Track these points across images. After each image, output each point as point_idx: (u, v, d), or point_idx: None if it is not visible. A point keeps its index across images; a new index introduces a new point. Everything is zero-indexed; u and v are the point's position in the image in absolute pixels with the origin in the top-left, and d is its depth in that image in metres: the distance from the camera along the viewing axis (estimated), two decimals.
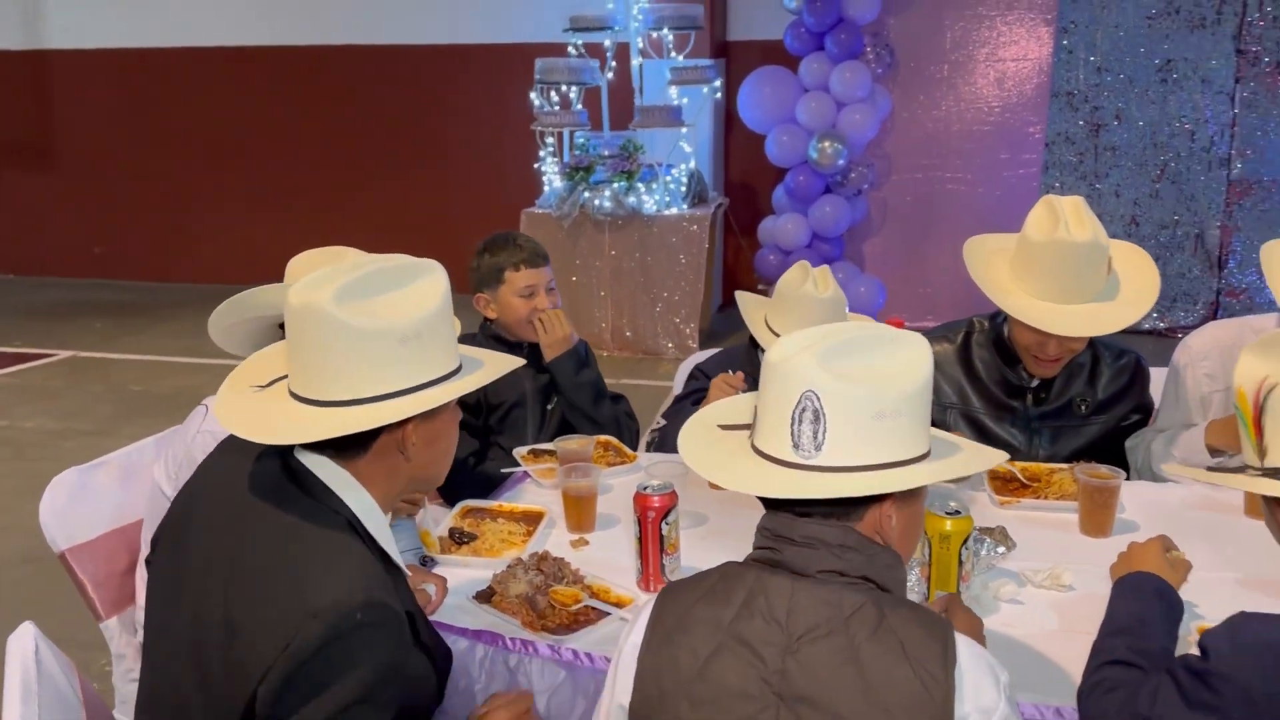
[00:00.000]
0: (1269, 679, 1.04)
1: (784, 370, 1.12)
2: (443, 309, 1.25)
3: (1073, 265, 1.91)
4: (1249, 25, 5.08)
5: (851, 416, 1.11)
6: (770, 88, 5.19)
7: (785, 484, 1.12)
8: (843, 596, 1.10)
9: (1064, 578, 1.59)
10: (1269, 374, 1.17)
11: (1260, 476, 1.17)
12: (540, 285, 2.32)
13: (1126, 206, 5.40)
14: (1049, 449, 2.11)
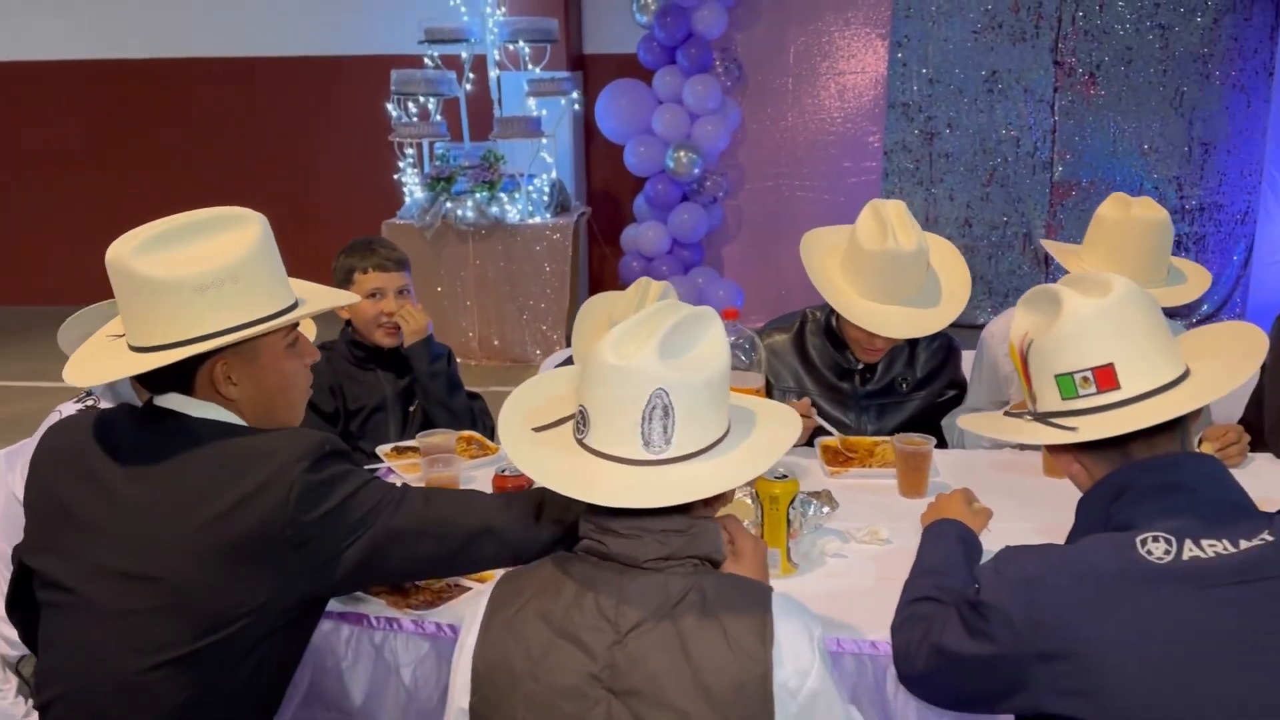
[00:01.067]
0: (1026, 606, 1.15)
1: (628, 371, 1.15)
2: (251, 258, 1.32)
3: (899, 271, 2.09)
4: (1064, 38, 5.53)
5: (695, 405, 1.18)
6: (626, 100, 5.36)
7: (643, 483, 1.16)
8: (669, 585, 1.15)
9: (882, 533, 1.77)
10: (1028, 329, 1.32)
11: (1032, 421, 1.33)
12: (388, 289, 2.38)
13: (960, 209, 5.78)
14: (876, 424, 2.31)
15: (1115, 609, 1.12)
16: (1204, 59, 5.46)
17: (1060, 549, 1.22)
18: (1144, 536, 1.15)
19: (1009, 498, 1.88)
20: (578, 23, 5.87)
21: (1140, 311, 1.27)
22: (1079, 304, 1.26)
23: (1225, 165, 5.58)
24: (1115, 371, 1.24)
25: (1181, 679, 1.09)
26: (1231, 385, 1.28)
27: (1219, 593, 1.11)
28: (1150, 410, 1.23)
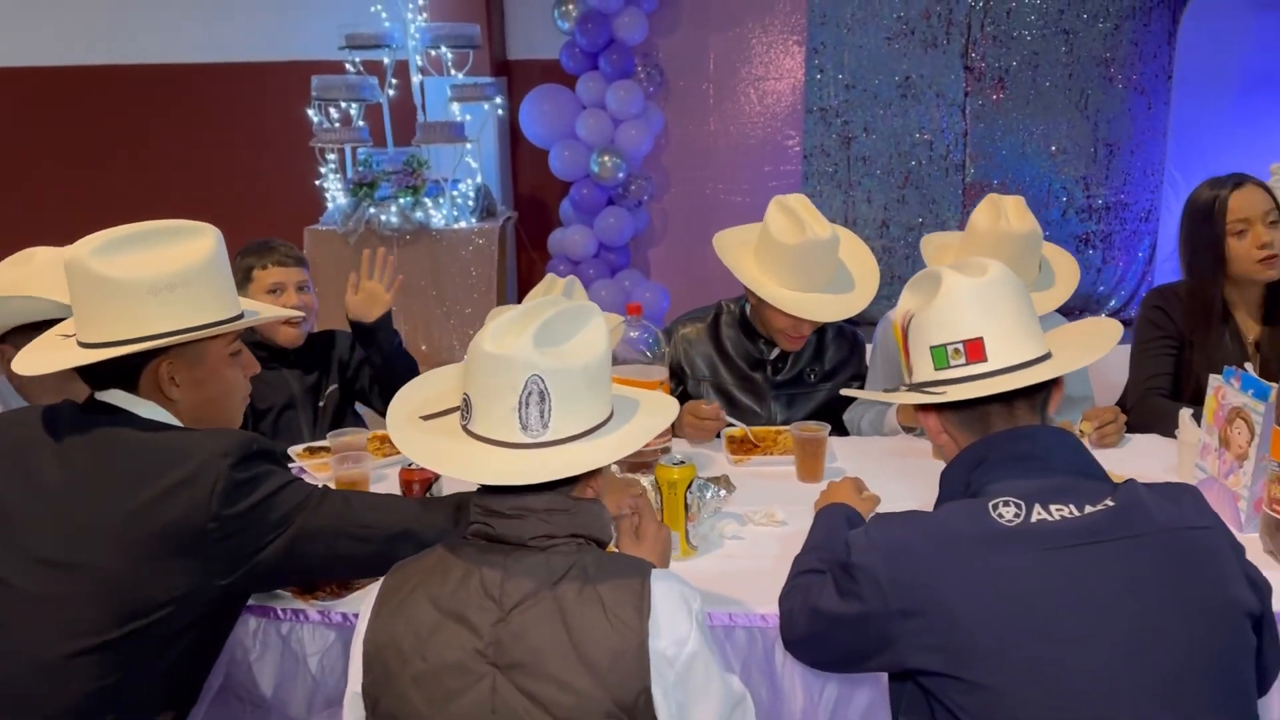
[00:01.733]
0: (890, 567, 1.24)
1: (504, 359, 1.21)
2: (204, 267, 1.40)
3: (817, 260, 2.18)
4: (973, 44, 5.71)
5: (571, 392, 1.24)
6: (550, 105, 5.40)
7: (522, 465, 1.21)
8: (552, 563, 1.21)
9: (777, 515, 1.85)
10: (911, 307, 1.43)
11: (907, 391, 1.43)
12: (288, 283, 2.40)
13: (878, 211, 5.93)
14: (785, 413, 2.39)
15: (967, 567, 1.21)
16: (1107, 63, 5.68)
17: (923, 515, 1.31)
18: (996, 501, 1.25)
19: (900, 481, 1.98)
20: (501, 29, 5.90)
21: (1011, 294, 1.38)
22: (957, 281, 1.37)
23: (1129, 165, 5.82)
24: (984, 345, 1.35)
25: (1025, 632, 1.18)
26: (1084, 362, 1.40)
27: (1062, 553, 1.20)
28: (1010, 379, 1.33)
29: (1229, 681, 1.20)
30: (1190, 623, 1.19)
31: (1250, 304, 2.29)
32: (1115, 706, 1.15)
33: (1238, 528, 1.74)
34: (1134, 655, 1.17)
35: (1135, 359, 2.34)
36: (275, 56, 5.83)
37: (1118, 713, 1.15)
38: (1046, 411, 1.40)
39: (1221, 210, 2.22)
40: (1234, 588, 1.23)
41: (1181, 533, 1.23)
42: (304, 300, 2.43)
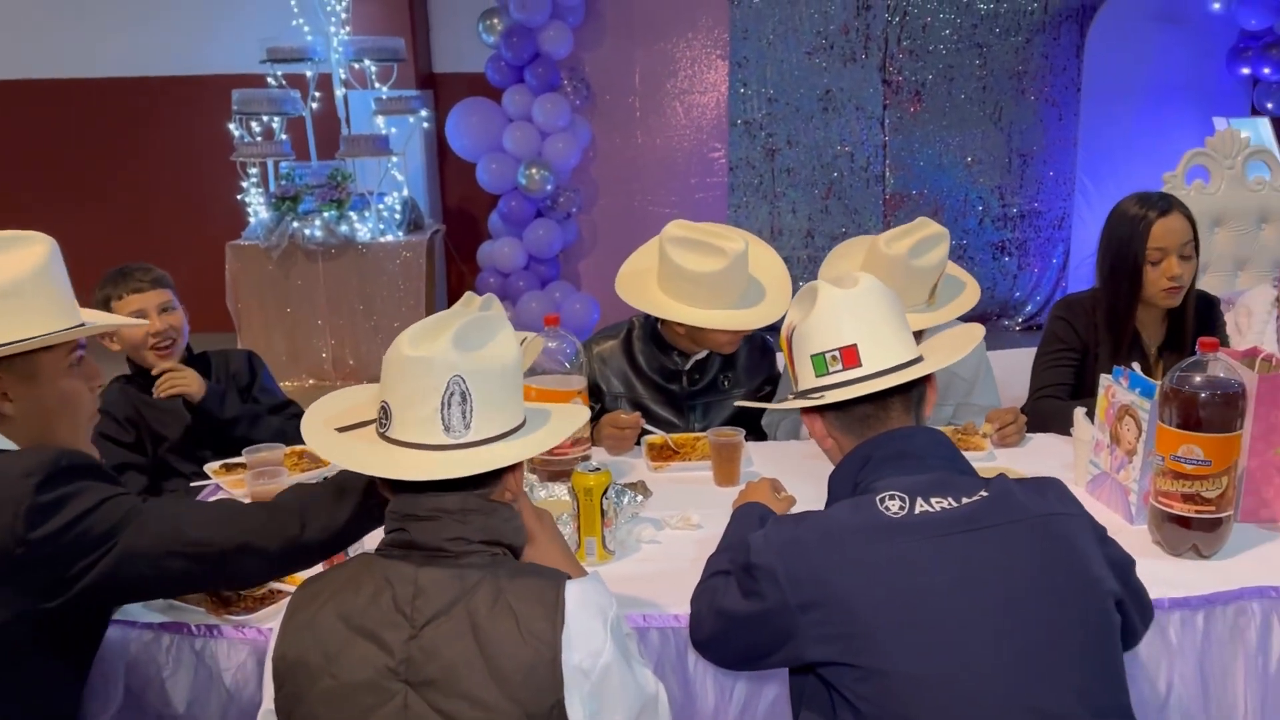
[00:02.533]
0: (787, 563, 1.30)
1: (426, 360, 1.23)
2: (31, 278, 1.36)
3: (732, 279, 2.21)
4: (891, 58, 5.86)
5: (491, 393, 1.27)
6: (477, 118, 5.41)
7: (446, 463, 1.23)
8: (465, 576, 1.20)
9: (693, 519, 1.89)
10: (794, 320, 1.50)
11: (794, 398, 1.50)
12: (149, 308, 2.37)
13: (802, 221, 6.05)
14: (702, 421, 2.43)
15: (859, 558, 1.28)
16: (1019, 76, 5.88)
17: (816, 513, 1.38)
18: (882, 495, 1.33)
19: (814, 484, 2.01)
20: (426, 42, 5.90)
21: (882, 303, 1.47)
22: (832, 293, 1.45)
23: (1042, 174, 6.02)
24: (858, 351, 1.43)
25: (914, 615, 1.25)
26: (947, 362, 1.50)
27: (944, 540, 1.28)
28: (881, 381, 1.41)
29: (1095, 654, 1.28)
30: (1059, 601, 1.28)
31: (1154, 317, 2.38)
32: (995, 681, 1.23)
33: (1129, 520, 1.83)
34: (1011, 632, 1.25)
35: (1037, 368, 2.43)
36: (195, 70, 5.76)
37: (997, 687, 1.23)
38: (922, 412, 1.47)
39: (1144, 236, 2.27)
40: (1097, 569, 1.32)
41: (1050, 518, 1.32)
42: (169, 322, 2.38)
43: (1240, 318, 2.67)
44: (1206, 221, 3.37)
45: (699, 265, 2.19)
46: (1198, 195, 3.36)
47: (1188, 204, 2.44)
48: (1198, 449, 1.63)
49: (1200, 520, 1.67)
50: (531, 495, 1.97)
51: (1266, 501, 1.82)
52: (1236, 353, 1.90)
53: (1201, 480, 1.64)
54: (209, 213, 5.62)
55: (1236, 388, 1.63)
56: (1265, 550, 1.74)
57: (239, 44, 5.37)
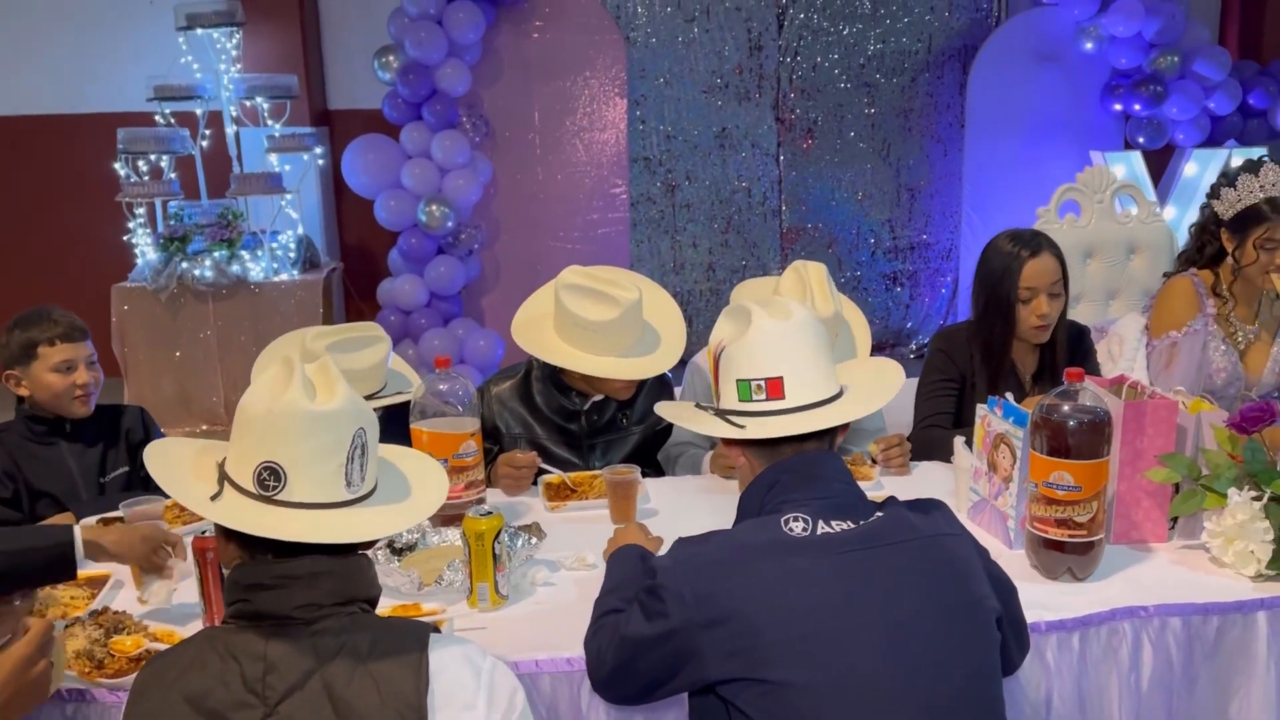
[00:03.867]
0: (694, 581, 1.33)
1: (335, 414, 1.19)
2: None
3: (627, 326, 2.24)
4: (784, 97, 6.02)
5: (375, 441, 1.25)
6: (374, 154, 5.35)
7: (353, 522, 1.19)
8: (319, 645, 1.14)
9: (588, 559, 1.89)
10: (724, 337, 1.52)
11: (714, 416, 1.51)
12: (78, 359, 2.31)
13: (703, 255, 6.14)
14: (602, 460, 2.44)
15: (763, 574, 1.32)
16: (906, 113, 6.10)
17: (722, 532, 1.41)
18: (787, 517, 1.37)
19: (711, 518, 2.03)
20: (320, 78, 5.83)
21: (812, 336, 1.50)
22: (764, 322, 1.48)
23: (930, 208, 6.23)
24: (783, 384, 1.47)
25: (814, 628, 1.29)
26: (866, 413, 1.53)
27: (844, 558, 1.33)
28: (803, 420, 1.45)
29: (977, 670, 1.35)
30: (946, 618, 1.34)
31: (1027, 348, 2.48)
32: (885, 694, 1.28)
33: (1008, 545, 1.89)
34: (902, 647, 1.30)
35: (919, 398, 2.50)
36: (78, 109, 5.57)
37: (886, 699, 1.28)
38: (835, 438, 1.51)
39: (1016, 274, 2.36)
40: (981, 588, 1.40)
41: (939, 539, 1.40)
42: (94, 376, 2.35)
43: (1113, 345, 2.80)
44: (1079, 253, 3.54)
45: (592, 313, 2.21)
46: (1070, 229, 3.52)
47: (1060, 237, 2.55)
48: (1068, 475, 1.70)
49: (1073, 544, 1.74)
50: (424, 541, 1.95)
51: (1136, 523, 1.91)
52: (1104, 381, 1.99)
53: (1073, 505, 1.71)
54: (93, 255, 5.42)
55: (1102, 415, 1.71)
56: (1136, 571, 1.82)
57: (125, 82, 5.22)
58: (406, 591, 1.77)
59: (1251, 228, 2.57)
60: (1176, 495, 1.86)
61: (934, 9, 5.98)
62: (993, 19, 6.03)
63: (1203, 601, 1.70)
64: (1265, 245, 2.56)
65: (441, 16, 5.10)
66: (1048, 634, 1.64)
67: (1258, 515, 1.75)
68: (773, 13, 5.90)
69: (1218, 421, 1.86)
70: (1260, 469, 1.79)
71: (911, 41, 6.01)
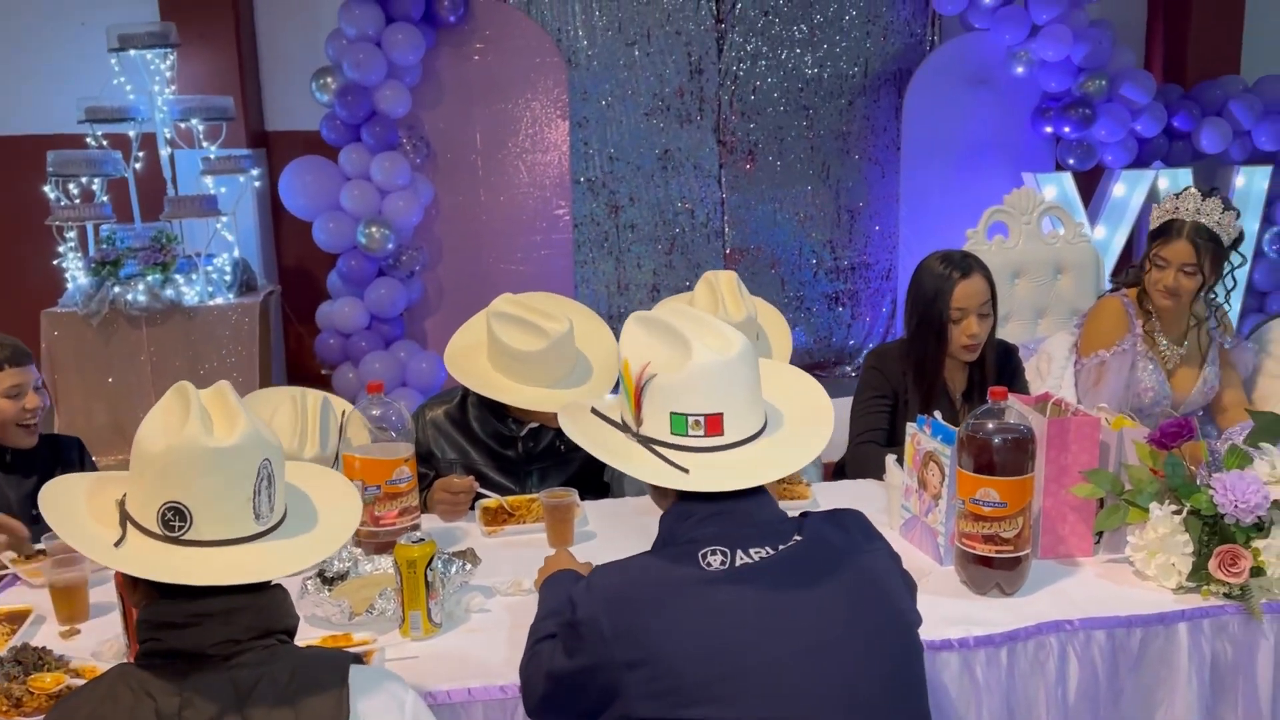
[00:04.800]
0: (612, 618, 1.31)
1: (238, 450, 1.16)
2: None
3: (559, 357, 2.25)
4: (725, 119, 6.08)
5: (281, 469, 1.22)
6: (312, 176, 5.30)
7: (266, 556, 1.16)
8: (237, 679, 1.11)
9: (524, 584, 1.87)
10: (652, 361, 1.42)
11: (641, 447, 1.44)
12: (26, 385, 2.28)
13: (648, 275, 6.16)
14: (539, 485, 2.43)
15: (682, 612, 1.30)
16: (844, 136, 6.19)
17: (640, 563, 1.38)
18: (705, 550, 1.35)
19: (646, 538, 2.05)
20: (257, 100, 5.76)
21: (749, 369, 1.44)
22: (706, 356, 1.39)
23: (868, 229, 6.33)
24: (722, 421, 1.40)
25: (735, 664, 1.28)
26: (801, 464, 1.47)
27: (763, 589, 1.32)
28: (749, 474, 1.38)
29: (903, 685, 1.36)
30: (870, 639, 1.34)
31: (957, 365, 2.53)
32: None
33: (938, 561, 1.92)
34: (826, 676, 1.30)
35: (854, 415, 2.54)
36: (8, 131, 5.44)
37: None
38: None
39: (947, 295, 2.41)
40: (901, 602, 1.41)
41: (856, 556, 1.39)
42: (40, 401, 2.34)
43: (1041, 363, 2.87)
44: (1007, 273, 3.61)
45: (521, 343, 2.22)
46: (998, 249, 3.60)
47: (989, 258, 2.61)
48: (994, 492, 1.73)
49: (1001, 559, 1.77)
50: (356, 569, 1.92)
51: (1063, 538, 1.95)
52: (1029, 399, 2.04)
53: (999, 521, 1.75)
54: (22, 280, 5.29)
55: (1026, 433, 1.75)
56: (1063, 585, 1.86)
57: (55, 104, 5.11)
58: (337, 621, 1.75)
59: (1153, 243, 2.67)
60: (1101, 510, 1.90)
61: (869, 34, 6.10)
62: (926, 44, 6.17)
63: (1126, 614, 1.74)
64: (1156, 262, 2.66)
65: (380, 38, 5.08)
66: (976, 649, 1.67)
67: (1178, 529, 1.80)
68: (712, 36, 5.97)
69: (1139, 437, 1.91)
70: (1180, 483, 1.83)
71: (848, 65, 6.11)
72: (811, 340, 6.36)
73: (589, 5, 5.85)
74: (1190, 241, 2.61)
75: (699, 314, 1.49)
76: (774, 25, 6.01)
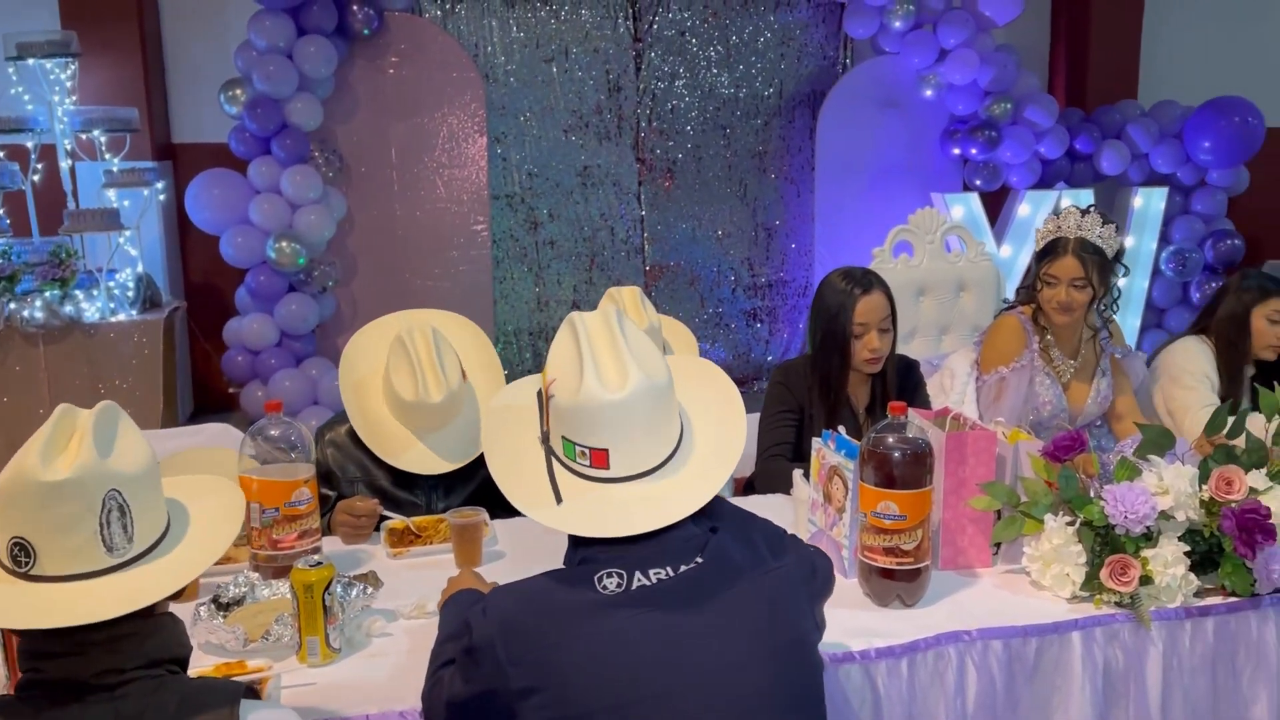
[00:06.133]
0: (506, 645, 1.28)
1: (73, 482, 1.11)
2: None
3: (437, 413, 2.26)
4: (643, 137, 6.12)
5: (144, 496, 1.17)
6: (220, 190, 5.17)
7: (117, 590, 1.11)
8: (121, 711, 1.08)
9: (428, 606, 1.84)
10: (558, 377, 1.38)
11: (541, 446, 1.41)
12: None
13: (568, 292, 6.16)
14: (445, 501, 2.39)
15: (577, 637, 1.27)
16: (760, 155, 6.29)
17: (536, 586, 1.35)
18: (600, 574, 1.32)
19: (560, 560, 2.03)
20: (164, 111, 5.62)
21: (645, 408, 1.36)
22: (595, 390, 1.34)
23: (785, 247, 6.42)
24: (608, 456, 1.36)
25: (633, 691, 1.26)
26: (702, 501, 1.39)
27: (661, 612, 1.30)
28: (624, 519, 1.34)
29: (800, 706, 1.35)
30: (772, 659, 1.32)
31: (860, 380, 2.58)
32: None
33: (843, 574, 1.94)
34: (724, 700, 1.28)
35: (762, 430, 2.56)
36: None
37: None
38: None
39: (849, 311, 2.46)
40: (803, 622, 1.39)
41: (759, 577, 1.36)
42: None
43: (945, 379, 2.93)
44: (911, 291, 3.70)
45: (402, 389, 2.22)
46: (903, 268, 3.68)
47: (895, 276, 2.67)
48: (894, 504, 1.76)
49: (902, 571, 1.80)
50: (254, 594, 1.86)
51: (962, 550, 1.99)
52: (928, 413, 2.08)
53: (899, 534, 1.77)
54: None
55: (924, 446, 1.78)
56: (962, 596, 1.89)
57: None
58: (232, 648, 1.69)
59: (1042, 262, 2.77)
60: (998, 522, 1.94)
61: (784, 56, 6.21)
62: (839, 66, 6.30)
63: (1022, 624, 1.78)
64: (1046, 280, 2.75)
65: (292, 50, 5.00)
66: (878, 660, 1.69)
67: (1071, 539, 1.85)
68: (630, 55, 6.01)
69: (1034, 450, 1.96)
70: (1073, 495, 1.89)
71: (764, 86, 6.21)
72: (730, 356, 6.42)
73: (506, 21, 5.85)
74: (1077, 257, 2.71)
75: (615, 339, 1.40)
76: (691, 45, 6.08)
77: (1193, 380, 2.90)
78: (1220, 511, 1.85)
